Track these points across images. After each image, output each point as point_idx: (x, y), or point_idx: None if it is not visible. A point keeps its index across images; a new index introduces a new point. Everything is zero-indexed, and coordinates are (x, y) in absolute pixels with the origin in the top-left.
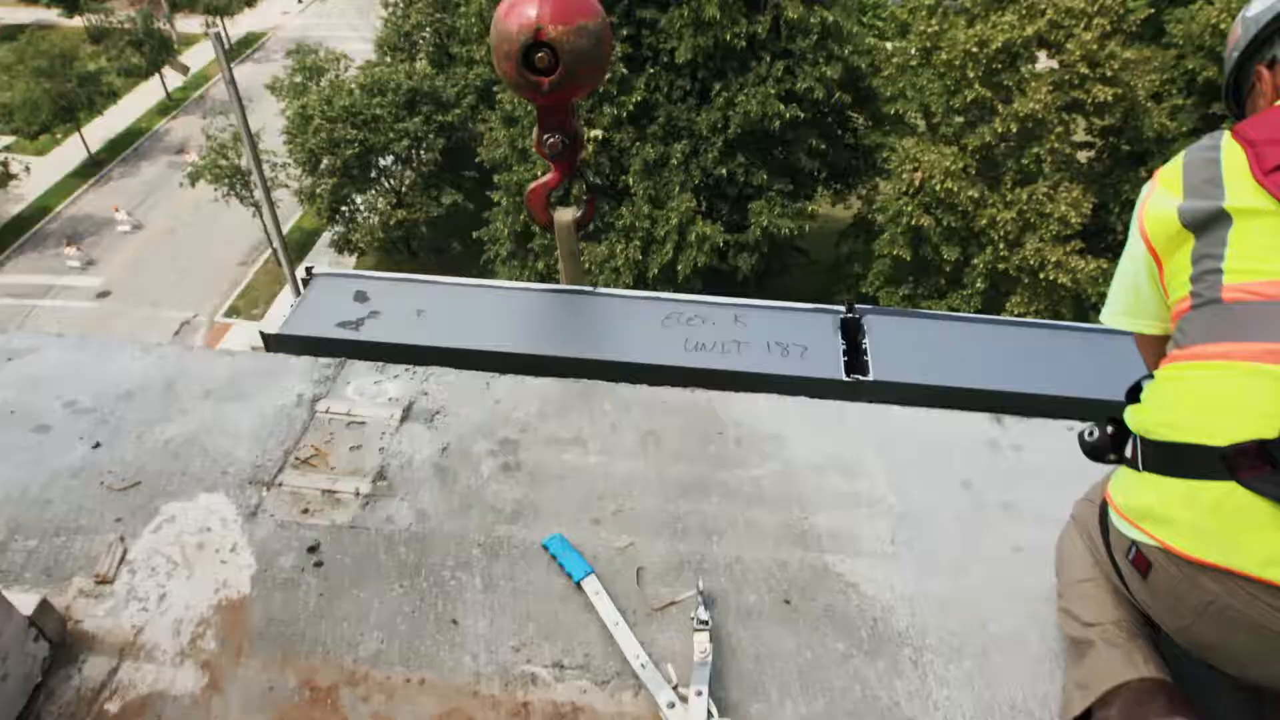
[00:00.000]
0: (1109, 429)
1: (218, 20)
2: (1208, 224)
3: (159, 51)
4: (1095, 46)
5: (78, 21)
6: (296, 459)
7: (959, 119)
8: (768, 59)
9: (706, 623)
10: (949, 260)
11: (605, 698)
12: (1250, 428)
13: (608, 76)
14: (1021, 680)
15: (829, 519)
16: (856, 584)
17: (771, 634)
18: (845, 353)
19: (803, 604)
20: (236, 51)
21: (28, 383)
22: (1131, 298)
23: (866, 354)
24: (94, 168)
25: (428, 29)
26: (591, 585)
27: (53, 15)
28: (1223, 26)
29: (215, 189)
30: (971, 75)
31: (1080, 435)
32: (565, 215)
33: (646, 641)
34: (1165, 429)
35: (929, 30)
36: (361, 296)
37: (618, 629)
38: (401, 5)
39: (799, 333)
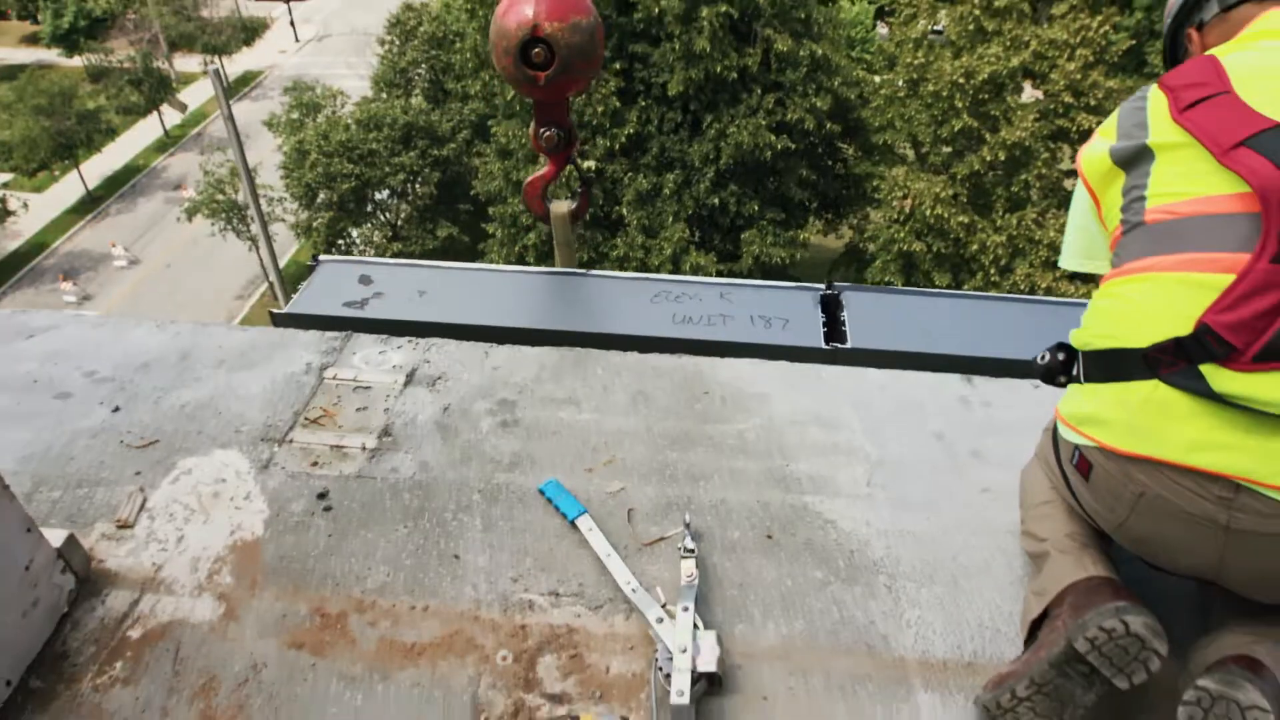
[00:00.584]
0: (1060, 355)
1: (216, 59)
2: (1134, 160)
3: (158, 90)
4: (1079, 76)
5: (77, 61)
6: (306, 419)
7: (947, 148)
8: (758, 91)
9: (693, 551)
10: (941, 286)
11: (598, 620)
12: (1168, 329)
13: (601, 109)
14: (988, 601)
15: (809, 466)
16: (835, 520)
17: (754, 564)
18: (825, 324)
19: (784, 538)
20: (235, 89)
21: (49, 356)
22: (1081, 240)
23: (845, 325)
24: (92, 204)
25: (423, 66)
26: (585, 524)
27: (53, 55)
28: None
29: (212, 224)
30: (959, 105)
31: (1035, 359)
32: (561, 207)
33: (637, 571)
34: (1100, 340)
35: (916, 62)
36: (366, 279)
37: (610, 560)
38: (397, 43)
39: (781, 307)
